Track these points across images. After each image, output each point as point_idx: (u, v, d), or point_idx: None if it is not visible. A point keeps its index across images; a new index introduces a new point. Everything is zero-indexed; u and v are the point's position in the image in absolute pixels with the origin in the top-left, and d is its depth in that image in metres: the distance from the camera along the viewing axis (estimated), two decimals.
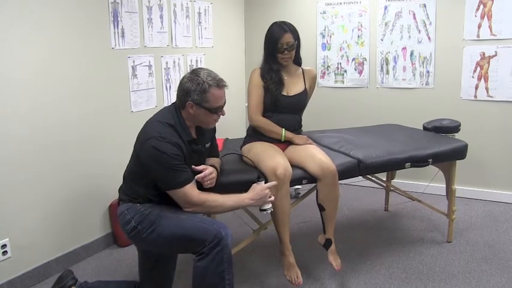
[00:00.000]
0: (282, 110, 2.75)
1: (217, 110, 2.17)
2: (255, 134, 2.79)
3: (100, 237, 3.20)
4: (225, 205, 2.15)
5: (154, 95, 3.52)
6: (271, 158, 2.50)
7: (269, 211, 2.30)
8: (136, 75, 3.34)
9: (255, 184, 2.24)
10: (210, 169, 2.26)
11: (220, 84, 2.14)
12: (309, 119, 3.34)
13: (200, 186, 2.20)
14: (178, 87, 2.16)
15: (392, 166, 2.92)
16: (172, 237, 2.08)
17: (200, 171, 2.22)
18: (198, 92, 2.10)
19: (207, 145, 2.35)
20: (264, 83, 2.72)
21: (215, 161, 2.45)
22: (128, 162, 2.30)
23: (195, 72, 2.14)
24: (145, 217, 2.13)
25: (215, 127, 2.41)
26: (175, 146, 2.07)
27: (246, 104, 3.01)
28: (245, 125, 4.67)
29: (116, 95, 3.21)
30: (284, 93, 2.75)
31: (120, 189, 2.30)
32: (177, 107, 2.19)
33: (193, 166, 2.20)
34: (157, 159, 2.05)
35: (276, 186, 2.34)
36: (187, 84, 2.12)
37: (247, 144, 2.80)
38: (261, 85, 2.73)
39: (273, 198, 2.27)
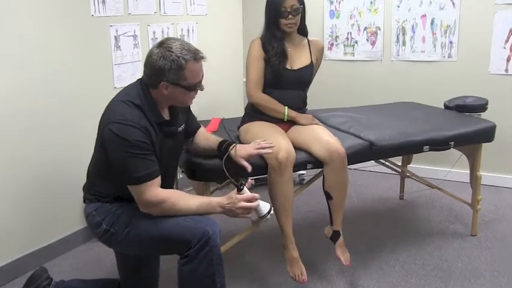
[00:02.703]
0: (284, 85, 2.76)
1: (196, 87, 2.10)
2: (254, 112, 2.80)
3: (79, 229, 3.19)
4: (187, 209, 2.04)
5: (140, 68, 3.45)
6: (272, 140, 2.48)
7: (266, 217, 2.17)
8: (119, 46, 3.31)
9: (233, 191, 2.11)
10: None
11: (197, 56, 2.04)
12: (315, 96, 3.33)
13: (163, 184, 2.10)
14: (147, 65, 2.05)
15: (408, 149, 2.92)
16: (151, 239, 2.04)
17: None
18: (174, 70, 2.00)
19: (182, 126, 2.28)
20: (265, 54, 2.72)
21: (217, 139, 2.44)
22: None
23: (165, 47, 2.02)
24: (118, 218, 2.08)
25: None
26: (141, 130, 1.98)
27: (244, 79, 2.98)
28: (243, 103, 4.65)
29: (97, 69, 3.18)
30: (287, 66, 2.75)
31: (85, 188, 2.25)
32: (144, 84, 2.10)
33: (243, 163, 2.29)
34: (116, 147, 1.97)
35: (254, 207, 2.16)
36: (159, 62, 2.01)
37: (245, 124, 2.81)
38: (261, 57, 2.73)
39: (249, 215, 2.14)
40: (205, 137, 2.48)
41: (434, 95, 3.95)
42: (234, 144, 2.37)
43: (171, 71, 2.00)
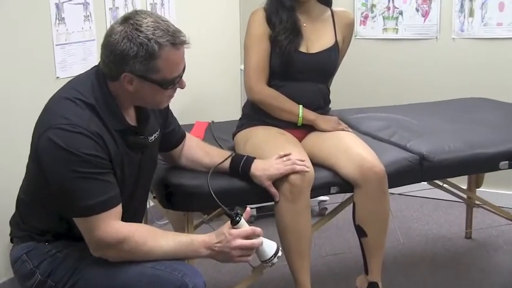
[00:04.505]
0: (298, 75, 2.79)
1: (174, 82, 2.10)
2: (255, 114, 2.84)
3: (2, 282, 3.19)
4: (158, 252, 2.02)
5: (94, 50, 3.50)
6: (282, 153, 2.50)
7: (271, 261, 2.14)
8: (63, 18, 3.32)
9: (225, 225, 2.09)
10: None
11: (177, 40, 2.02)
12: (342, 90, 3.38)
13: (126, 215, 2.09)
14: (105, 47, 2.04)
15: (477, 166, 2.93)
16: None
17: None
18: (142, 59, 1.98)
19: (156, 135, 2.28)
20: (270, 31, 2.75)
21: (222, 152, 2.52)
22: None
23: (132, 23, 2.00)
24: (59, 264, 2.08)
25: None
26: (93, 139, 1.97)
27: (242, 67, 3.00)
28: (240, 100, 4.67)
29: (29, 51, 3.18)
30: (302, 49, 2.79)
31: (13, 221, 2.25)
32: (101, 75, 2.10)
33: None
34: (57, 163, 1.95)
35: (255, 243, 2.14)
36: (122, 45, 1.98)
37: (244, 131, 2.83)
38: (265, 35, 2.77)
39: (249, 258, 2.12)
40: (204, 150, 2.52)
41: None
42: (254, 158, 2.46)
43: (137, 58, 1.98)
